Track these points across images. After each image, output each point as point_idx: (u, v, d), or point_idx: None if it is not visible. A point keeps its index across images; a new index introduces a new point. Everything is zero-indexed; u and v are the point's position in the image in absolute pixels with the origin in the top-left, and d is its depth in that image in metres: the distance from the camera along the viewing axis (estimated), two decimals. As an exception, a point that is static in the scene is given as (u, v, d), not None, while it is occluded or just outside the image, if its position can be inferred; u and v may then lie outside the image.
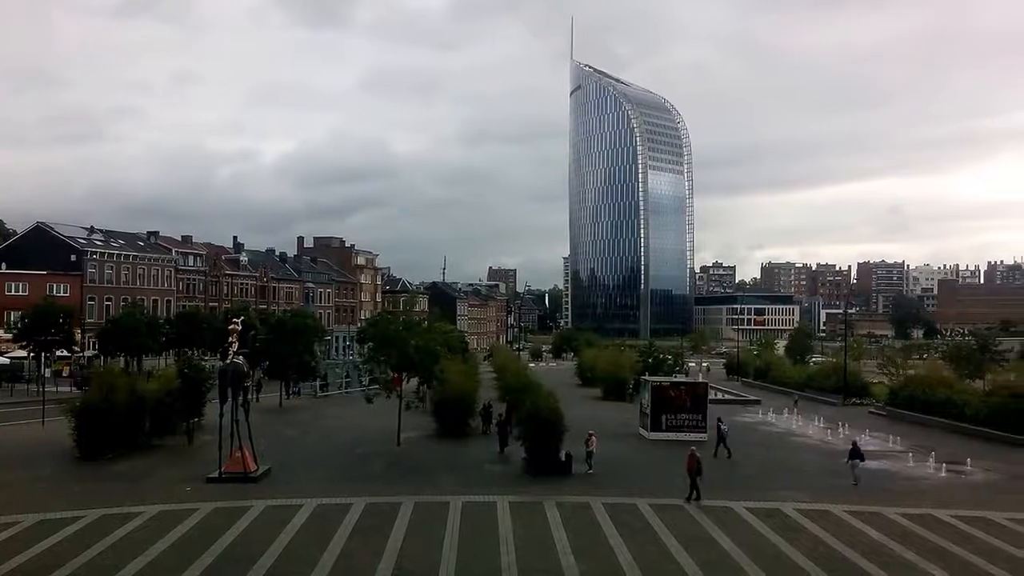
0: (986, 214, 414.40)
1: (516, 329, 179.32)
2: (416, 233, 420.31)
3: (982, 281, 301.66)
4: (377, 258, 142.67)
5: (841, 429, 46.04)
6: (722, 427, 37.54)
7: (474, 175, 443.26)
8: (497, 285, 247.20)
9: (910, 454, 37.58)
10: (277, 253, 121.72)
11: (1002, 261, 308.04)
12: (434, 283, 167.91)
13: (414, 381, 44.29)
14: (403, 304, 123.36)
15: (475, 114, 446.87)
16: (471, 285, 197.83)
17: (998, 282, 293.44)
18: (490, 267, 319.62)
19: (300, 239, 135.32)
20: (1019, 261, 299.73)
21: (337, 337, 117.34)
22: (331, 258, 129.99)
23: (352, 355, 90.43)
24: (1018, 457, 37.60)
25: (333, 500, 26.48)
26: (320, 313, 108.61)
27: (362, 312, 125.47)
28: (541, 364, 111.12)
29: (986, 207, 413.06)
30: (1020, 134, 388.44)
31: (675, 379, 50.86)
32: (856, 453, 31.43)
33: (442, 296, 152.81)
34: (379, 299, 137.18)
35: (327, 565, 19.72)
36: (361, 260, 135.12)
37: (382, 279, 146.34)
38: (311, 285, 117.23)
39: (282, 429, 43.59)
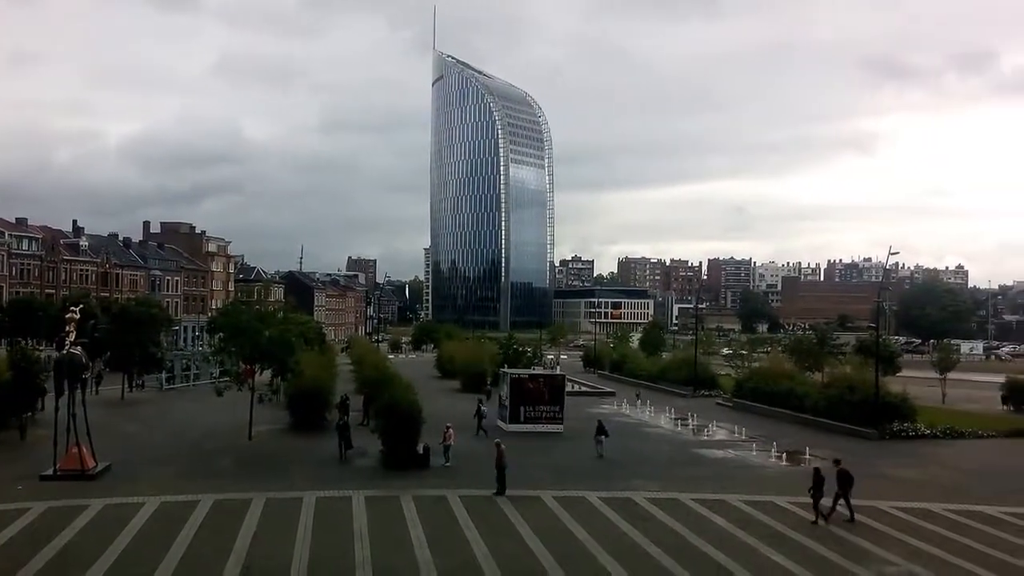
0: (822, 215, 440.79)
1: (375, 320, 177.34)
2: (273, 221, 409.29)
3: (822, 278, 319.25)
4: (230, 246, 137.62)
5: (691, 420, 47.70)
6: (482, 408, 40.80)
7: (332, 164, 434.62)
8: (356, 275, 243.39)
9: (754, 444, 39.33)
10: (121, 238, 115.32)
11: (840, 260, 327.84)
12: (290, 272, 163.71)
13: (268, 373, 43.06)
14: (257, 293, 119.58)
15: (333, 102, 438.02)
16: (329, 275, 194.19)
17: (837, 279, 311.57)
18: (349, 257, 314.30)
19: (146, 224, 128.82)
20: (856, 260, 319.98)
21: (186, 327, 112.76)
22: (180, 244, 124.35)
23: (202, 346, 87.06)
24: (852, 446, 39.78)
25: (178, 497, 25.31)
26: (167, 302, 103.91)
27: (213, 301, 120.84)
28: (400, 356, 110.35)
29: (822, 209, 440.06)
30: (848, 142, 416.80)
31: (533, 371, 51.44)
32: (601, 430, 35.60)
33: (299, 286, 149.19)
34: (232, 288, 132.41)
35: (170, 566, 18.82)
36: (213, 247, 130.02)
37: (235, 267, 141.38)
38: (158, 272, 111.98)
39: (124, 423, 41.45)
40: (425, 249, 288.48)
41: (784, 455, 36.34)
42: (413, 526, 22.71)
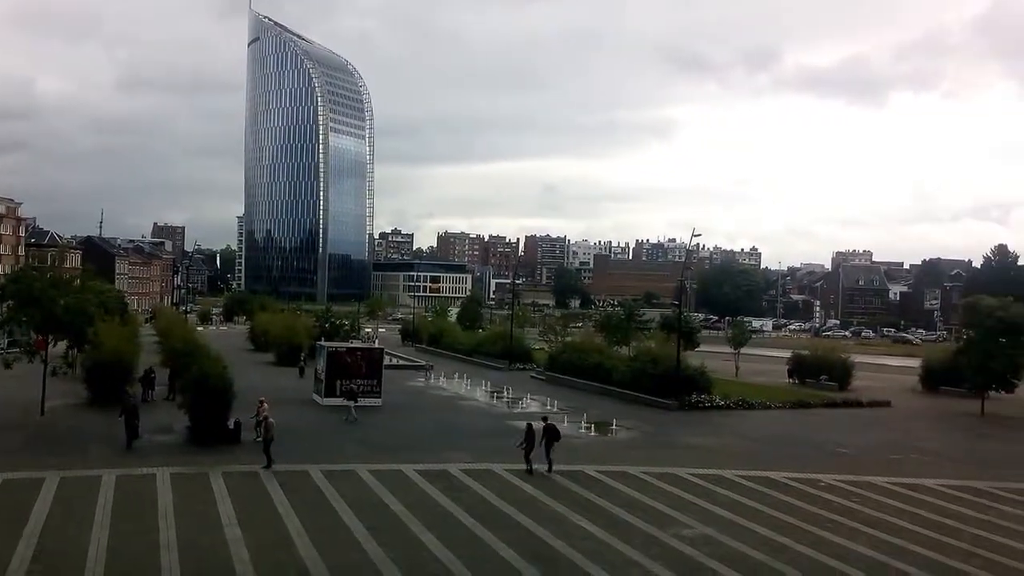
0: (630, 197, 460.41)
1: (183, 290, 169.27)
2: (69, 182, 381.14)
3: (631, 257, 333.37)
4: (20, 207, 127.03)
5: (506, 393, 48.78)
6: (151, 374, 40.27)
7: (135, 124, 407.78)
8: (163, 243, 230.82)
9: (565, 415, 40.67)
10: None
11: (647, 239, 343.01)
12: (89, 237, 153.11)
13: (62, 344, 40.40)
14: (51, 259, 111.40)
15: (134, 59, 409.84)
16: (133, 242, 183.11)
17: (644, 258, 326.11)
18: (155, 223, 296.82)
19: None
20: (661, 240, 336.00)
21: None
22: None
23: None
24: (655, 416, 42.16)
25: (-42, 479, 23.35)
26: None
27: (0, 267, 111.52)
28: (211, 328, 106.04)
29: (629, 190, 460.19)
30: (651, 128, 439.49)
31: (351, 345, 50.94)
32: (351, 395, 38.09)
33: (99, 252, 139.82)
34: (21, 253, 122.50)
35: (-52, 554, 17.37)
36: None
37: (26, 231, 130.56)
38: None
39: None
40: (238, 217, 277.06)
41: (593, 426, 37.88)
42: (223, 503, 22.07)
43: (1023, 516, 24.33)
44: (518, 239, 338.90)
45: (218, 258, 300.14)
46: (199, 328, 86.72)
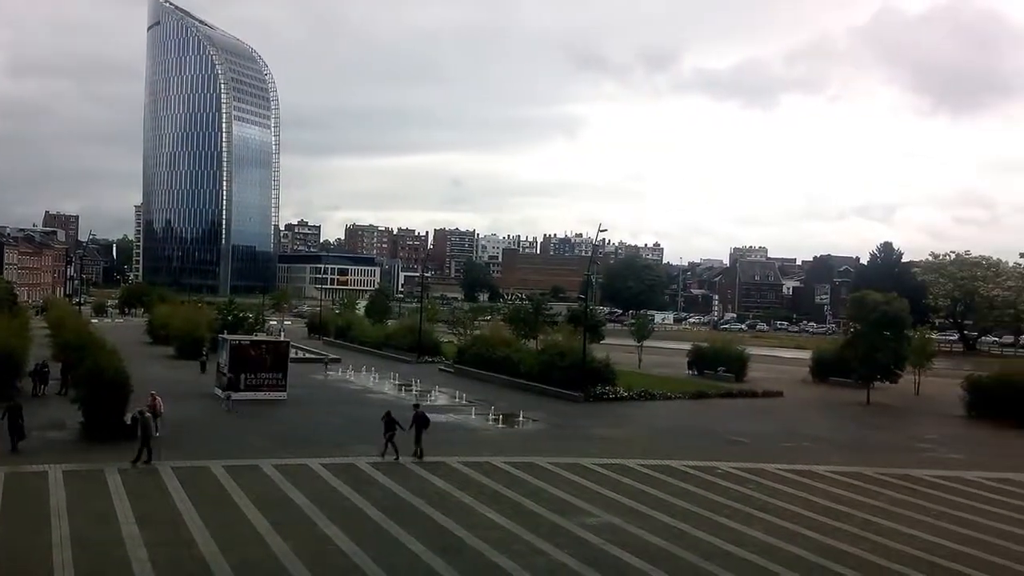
0: (537, 192, 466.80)
1: (76, 281, 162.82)
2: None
3: (539, 251, 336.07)
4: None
5: (414, 385, 48.66)
6: (44, 369, 39.36)
7: (22, 109, 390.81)
8: (55, 232, 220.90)
9: (473, 407, 40.90)
10: None
11: (555, 234, 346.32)
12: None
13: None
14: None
15: (22, 41, 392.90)
16: (23, 231, 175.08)
17: (551, 253, 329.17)
18: (47, 212, 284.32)
19: None
20: (568, 235, 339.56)
21: None
22: None
23: None
24: (561, 408, 42.67)
25: None
26: None
27: None
28: (106, 320, 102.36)
29: (536, 185, 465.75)
30: (557, 125, 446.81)
31: (256, 338, 50.03)
32: (232, 385, 38.69)
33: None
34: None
35: None
36: None
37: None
38: None
39: None
40: (136, 206, 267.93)
41: (500, 418, 38.15)
42: (120, 500, 21.40)
43: (908, 501, 25.62)
44: (427, 232, 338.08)
45: (114, 248, 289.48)
46: (94, 321, 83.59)
